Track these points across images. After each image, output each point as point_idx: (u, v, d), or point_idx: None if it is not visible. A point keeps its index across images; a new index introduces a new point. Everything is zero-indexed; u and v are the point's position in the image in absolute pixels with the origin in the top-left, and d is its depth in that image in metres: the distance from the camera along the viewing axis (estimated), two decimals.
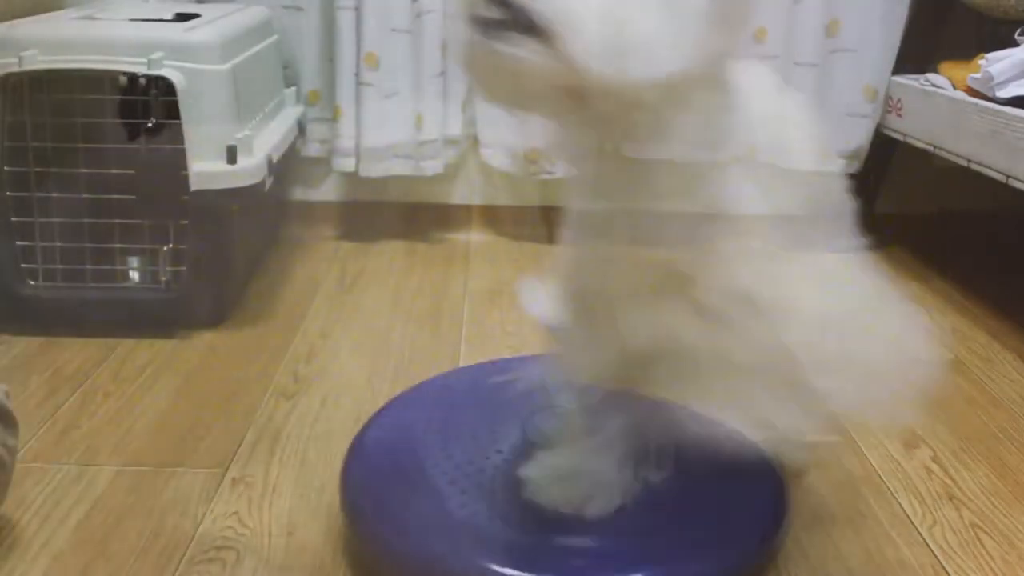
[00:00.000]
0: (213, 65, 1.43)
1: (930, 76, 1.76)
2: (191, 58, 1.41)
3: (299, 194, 2.02)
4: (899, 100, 1.85)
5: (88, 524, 0.99)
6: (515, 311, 1.60)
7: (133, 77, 1.38)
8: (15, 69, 1.38)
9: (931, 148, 1.72)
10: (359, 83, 1.85)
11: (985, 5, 1.74)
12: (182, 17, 1.61)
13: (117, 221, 1.44)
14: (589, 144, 0.77)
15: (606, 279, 0.85)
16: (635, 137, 0.75)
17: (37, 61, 1.39)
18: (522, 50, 0.68)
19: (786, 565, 0.95)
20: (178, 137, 1.39)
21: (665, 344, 0.82)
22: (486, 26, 0.69)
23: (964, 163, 1.60)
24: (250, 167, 1.45)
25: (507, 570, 0.82)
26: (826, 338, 0.83)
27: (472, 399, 1.08)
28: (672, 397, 0.85)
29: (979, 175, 1.56)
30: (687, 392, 0.84)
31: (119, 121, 1.41)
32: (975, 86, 1.59)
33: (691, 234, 0.79)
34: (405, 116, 1.87)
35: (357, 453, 0.99)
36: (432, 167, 1.92)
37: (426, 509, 0.89)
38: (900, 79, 1.86)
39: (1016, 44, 1.62)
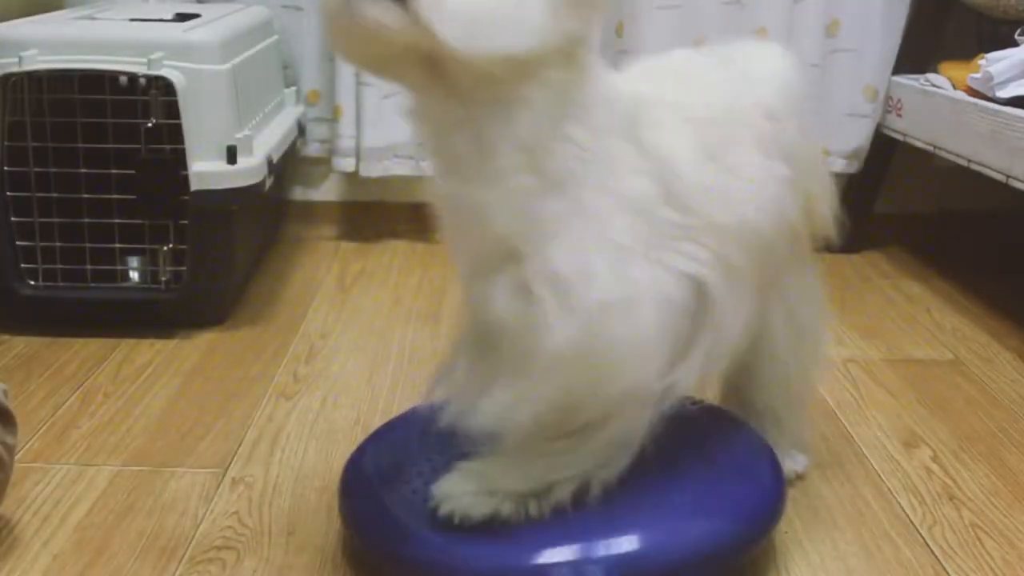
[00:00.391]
0: (213, 65, 1.43)
1: (930, 76, 1.76)
2: (191, 58, 1.41)
3: (299, 194, 2.03)
4: (899, 100, 1.85)
5: (88, 524, 0.99)
6: None
7: (133, 77, 1.38)
8: (15, 69, 1.38)
9: (931, 148, 1.72)
10: (359, 83, 1.85)
11: (985, 5, 1.74)
12: (182, 17, 1.61)
13: (117, 221, 1.44)
14: (444, 115, 0.78)
15: (459, 254, 0.86)
16: (486, 109, 0.76)
17: (37, 61, 1.39)
18: (378, 11, 0.69)
19: (786, 565, 0.95)
20: (178, 137, 1.39)
21: (493, 322, 0.82)
22: None
23: (964, 163, 1.60)
24: (250, 167, 1.46)
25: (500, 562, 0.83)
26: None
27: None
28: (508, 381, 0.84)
29: (979, 175, 1.56)
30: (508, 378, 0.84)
31: (119, 121, 1.41)
32: (975, 86, 1.59)
33: (531, 212, 0.78)
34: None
35: (354, 466, 0.99)
36: None
37: (421, 512, 0.89)
38: (900, 79, 1.86)
39: (1016, 44, 1.62)
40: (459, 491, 0.87)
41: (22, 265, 1.44)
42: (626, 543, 0.85)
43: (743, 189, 0.87)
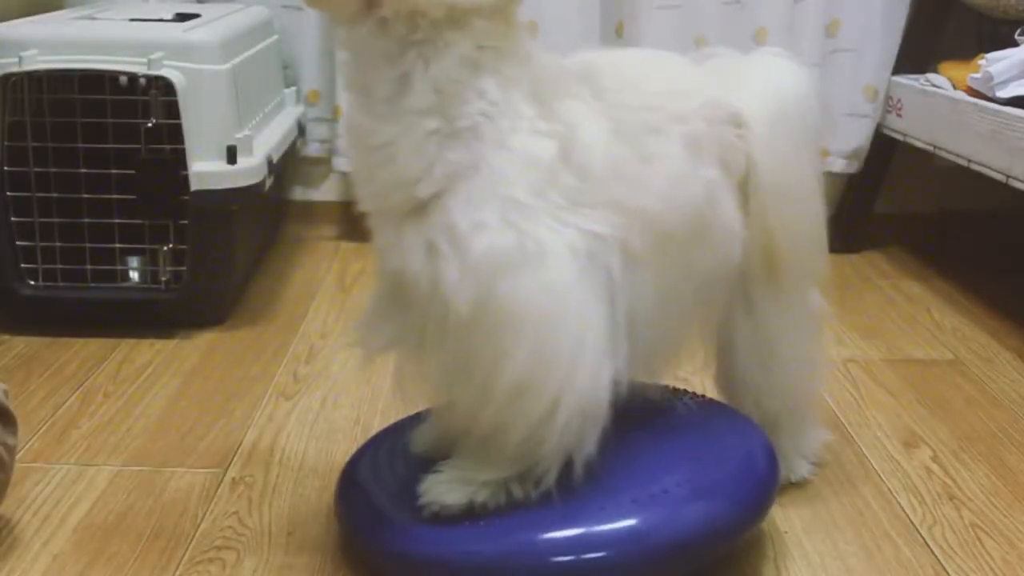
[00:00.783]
0: (213, 65, 1.43)
1: (930, 76, 1.76)
2: (191, 58, 1.41)
3: (299, 194, 2.03)
4: (899, 100, 1.85)
5: (88, 524, 0.99)
6: None
7: (133, 77, 1.38)
8: (15, 69, 1.38)
9: (931, 148, 1.72)
10: None
11: (985, 5, 1.74)
12: (182, 17, 1.61)
13: (117, 221, 1.44)
14: (369, 49, 0.80)
15: (366, 194, 0.86)
16: (410, 46, 0.78)
17: (37, 61, 1.39)
18: None
19: (786, 565, 0.95)
20: (178, 137, 1.39)
21: (406, 279, 0.83)
22: None
23: (964, 163, 1.60)
24: (250, 167, 1.46)
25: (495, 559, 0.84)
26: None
27: None
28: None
29: (979, 175, 1.56)
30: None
31: (119, 121, 1.41)
32: (975, 86, 1.59)
33: (434, 157, 0.80)
34: None
35: (352, 469, 0.99)
36: None
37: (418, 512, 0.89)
38: (900, 79, 1.86)
39: (1016, 44, 1.62)
40: (436, 482, 0.88)
41: (22, 265, 1.44)
42: (619, 526, 0.85)
43: (652, 177, 0.86)
